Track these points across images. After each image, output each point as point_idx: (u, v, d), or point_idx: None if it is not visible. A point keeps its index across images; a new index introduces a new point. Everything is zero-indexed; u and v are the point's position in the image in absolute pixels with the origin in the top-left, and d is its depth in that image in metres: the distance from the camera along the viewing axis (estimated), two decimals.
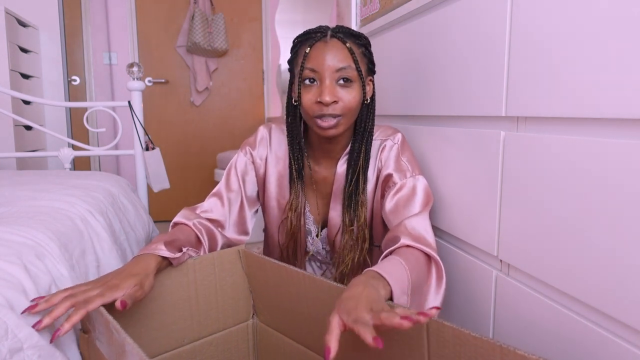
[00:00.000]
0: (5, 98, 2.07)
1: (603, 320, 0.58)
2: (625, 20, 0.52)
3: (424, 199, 0.89)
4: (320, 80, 0.86)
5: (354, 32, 0.90)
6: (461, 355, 0.56)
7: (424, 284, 0.78)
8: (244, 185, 1.01)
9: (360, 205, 0.94)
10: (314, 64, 0.86)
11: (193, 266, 0.84)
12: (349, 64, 0.86)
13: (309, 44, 0.87)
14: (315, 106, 0.86)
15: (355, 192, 0.94)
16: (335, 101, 0.85)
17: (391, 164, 0.93)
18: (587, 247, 0.58)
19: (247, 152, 1.02)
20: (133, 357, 0.51)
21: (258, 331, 0.95)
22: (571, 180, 0.60)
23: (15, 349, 0.59)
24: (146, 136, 1.84)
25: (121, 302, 0.65)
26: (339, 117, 0.87)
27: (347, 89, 0.86)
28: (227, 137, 3.42)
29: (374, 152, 0.96)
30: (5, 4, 2.21)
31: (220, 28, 3.18)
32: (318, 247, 1.04)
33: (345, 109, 0.86)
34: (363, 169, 0.93)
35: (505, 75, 0.73)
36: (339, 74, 0.86)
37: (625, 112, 0.53)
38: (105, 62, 3.12)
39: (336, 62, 0.85)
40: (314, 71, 0.86)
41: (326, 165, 0.99)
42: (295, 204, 0.98)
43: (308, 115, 0.89)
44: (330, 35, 0.88)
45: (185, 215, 0.94)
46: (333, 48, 0.86)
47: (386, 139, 0.96)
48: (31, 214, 0.95)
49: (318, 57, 0.85)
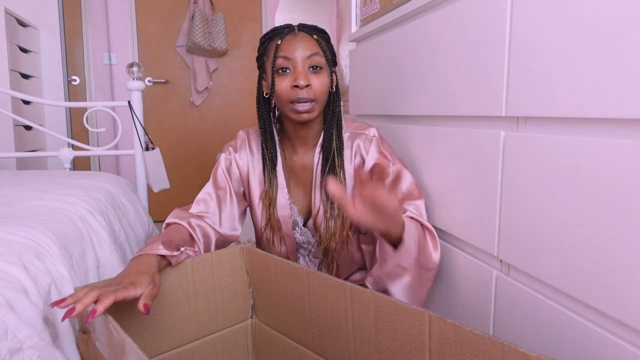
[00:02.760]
0: (5, 98, 2.07)
1: (603, 320, 0.58)
2: (625, 20, 0.52)
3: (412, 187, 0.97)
4: (293, 67, 0.93)
5: (317, 27, 0.98)
6: (462, 352, 0.56)
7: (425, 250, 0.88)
8: (231, 182, 1.05)
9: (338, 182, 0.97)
10: (286, 52, 0.93)
11: (192, 266, 0.84)
12: (317, 51, 0.94)
13: (279, 38, 0.95)
14: (291, 91, 0.93)
15: (333, 172, 0.99)
16: (308, 85, 0.92)
17: (375, 155, 0.99)
18: (587, 247, 0.58)
19: (230, 153, 1.06)
20: (132, 357, 0.51)
21: (257, 331, 0.95)
22: (571, 180, 0.60)
23: (15, 349, 0.59)
24: (146, 136, 1.84)
25: (144, 306, 0.66)
26: (312, 102, 0.93)
27: (318, 75, 0.94)
28: (227, 137, 3.41)
29: (348, 142, 1.02)
30: (5, 4, 2.21)
31: (220, 28, 3.18)
32: (308, 237, 1.06)
33: (317, 93, 0.93)
34: (338, 150, 0.99)
35: (505, 75, 0.73)
36: (309, 61, 0.93)
37: (625, 112, 0.53)
38: (105, 62, 3.12)
39: (307, 50, 0.93)
40: (287, 59, 0.93)
41: (302, 153, 1.04)
42: (270, 191, 1.02)
43: (283, 102, 0.94)
44: (298, 29, 0.97)
45: (178, 215, 0.96)
46: (302, 39, 0.95)
47: (361, 133, 1.02)
48: (31, 214, 0.95)
49: (289, 47, 0.93)
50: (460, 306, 0.91)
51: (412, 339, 0.62)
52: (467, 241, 0.87)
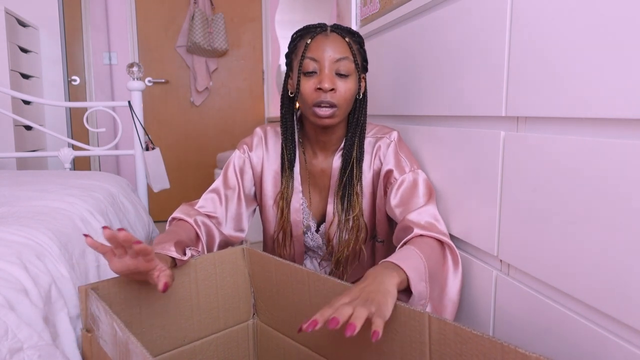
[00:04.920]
0: (5, 98, 2.07)
1: (603, 320, 0.58)
2: (625, 20, 0.52)
3: (426, 191, 0.92)
4: (320, 69, 0.90)
5: (351, 30, 0.94)
6: (462, 353, 0.56)
7: (440, 270, 0.82)
8: (242, 182, 1.03)
9: (354, 195, 0.97)
10: (314, 54, 0.90)
11: (194, 266, 0.84)
12: (347, 56, 0.90)
13: (310, 37, 0.91)
14: (315, 93, 0.90)
15: (350, 182, 0.96)
16: (333, 89, 0.89)
17: (391, 160, 0.96)
18: (587, 247, 0.58)
19: (244, 151, 1.04)
20: (137, 356, 0.51)
21: (258, 331, 0.95)
22: (571, 180, 0.60)
23: (15, 349, 0.59)
24: (146, 136, 1.84)
25: (165, 284, 0.67)
26: (334, 108, 0.90)
27: (344, 80, 0.91)
28: (226, 137, 3.42)
29: (369, 148, 1.00)
30: (5, 4, 2.21)
31: (220, 28, 3.18)
32: (318, 242, 1.04)
33: (341, 99, 0.90)
34: (357, 160, 0.97)
35: (505, 75, 0.73)
36: (337, 65, 0.90)
37: (625, 112, 0.53)
38: (105, 62, 3.12)
39: (336, 53, 0.90)
40: (314, 60, 0.90)
41: (322, 157, 1.02)
42: (286, 193, 1.00)
43: (307, 104, 0.91)
44: (330, 30, 0.93)
45: (185, 211, 0.95)
46: (333, 41, 0.91)
47: (382, 137, 0.99)
48: (31, 214, 0.95)
49: (319, 48, 0.90)
50: (461, 306, 0.91)
51: (412, 339, 0.62)
52: (467, 241, 0.87)
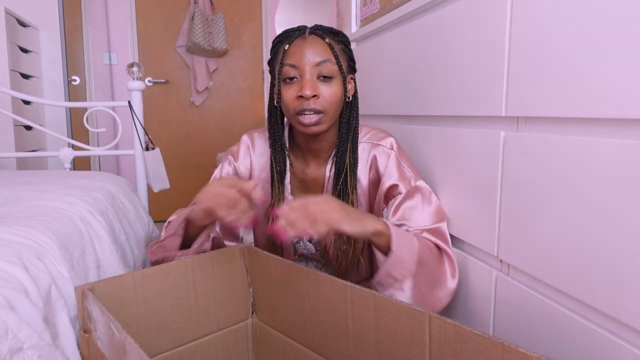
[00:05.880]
0: (5, 98, 2.07)
1: (603, 320, 0.58)
2: (625, 20, 0.52)
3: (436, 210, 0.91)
4: (300, 75, 0.86)
5: (332, 30, 0.90)
6: (463, 352, 0.56)
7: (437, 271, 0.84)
8: None
9: (350, 204, 0.92)
10: (293, 59, 0.86)
11: (192, 265, 0.84)
12: (328, 58, 0.86)
13: (287, 42, 0.87)
14: (297, 102, 0.85)
15: (344, 191, 0.92)
16: (315, 95, 0.84)
17: (393, 173, 0.91)
18: (587, 247, 0.58)
19: (230, 162, 1.01)
20: (134, 357, 0.51)
21: (257, 330, 0.95)
22: (571, 180, 0.60)
23: (15, 349, 0.59)
24: (146, 136, 1.84)
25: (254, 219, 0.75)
26: (320, 114, 0.85)
27: (328, 84, 0.86)
28: (227, 137, 3.42)
29: (363, 154, 0.94)
30: (5, 4, 2.21)
31: (220, 28, 3.18)
32: (311, 250, 1.02)
33: (326, 105, 0.86)
34: (351, 167, 0.92)
35: (505, 76, 0.73)
36: (318, 69, 0.85)
37: (625, 112, 0.53)
38: (105, 62, 3.12)
39: (315, 57, 0.85)
40: (294, 67, 0.86)
41: (315, 166, 0.97)
42: (277, 205, 0.95)
43: (290, 113, 0.87)
44: (309, 32, 0.88)
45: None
46: (312, 43, 0.86)
47: (378, 144, 0.94)
48: (31, 214, 0.95)
49: (297, 53, 0.86)
50: (460, 306, 0.91)
51: (412, 339, 0.62)
52: (467, 241, 0.87)
